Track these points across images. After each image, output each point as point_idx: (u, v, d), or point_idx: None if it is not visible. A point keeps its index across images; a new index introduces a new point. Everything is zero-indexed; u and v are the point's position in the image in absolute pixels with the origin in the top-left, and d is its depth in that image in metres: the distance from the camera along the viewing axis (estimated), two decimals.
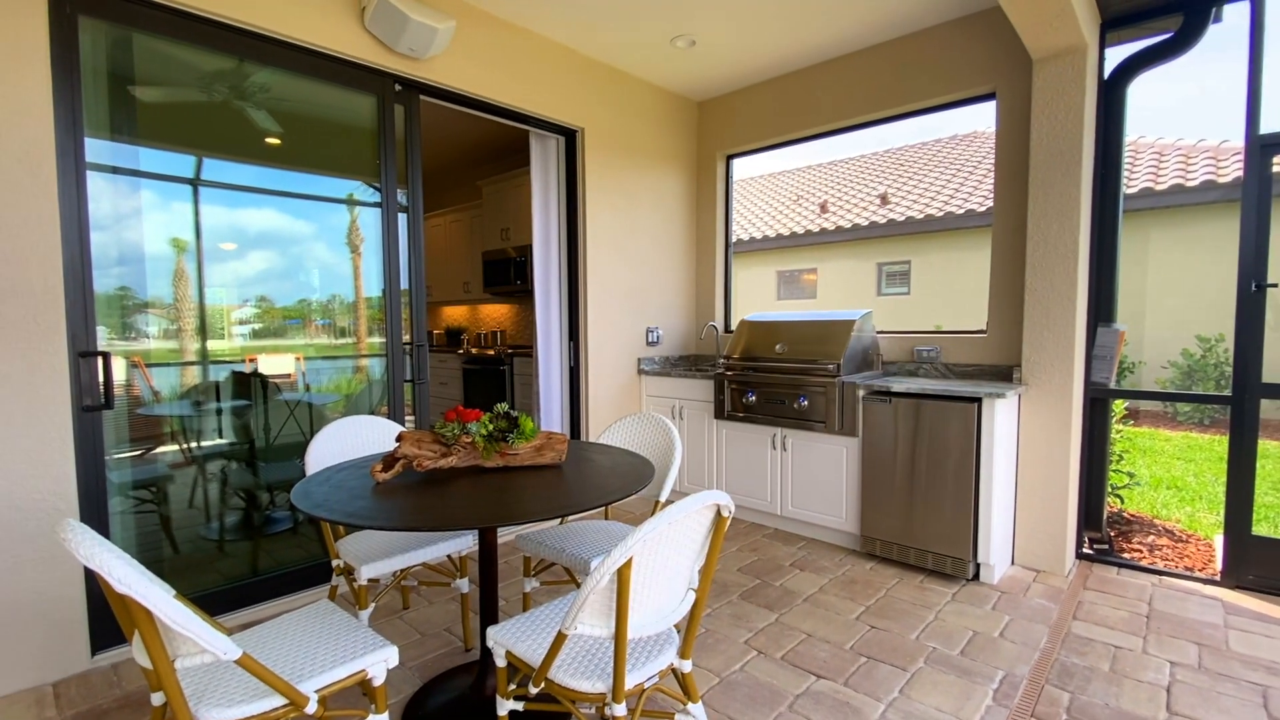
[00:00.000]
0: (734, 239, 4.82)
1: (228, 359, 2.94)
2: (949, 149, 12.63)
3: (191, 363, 2.83)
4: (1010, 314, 3.39)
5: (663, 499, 2.28)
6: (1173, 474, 5.37)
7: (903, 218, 11.00)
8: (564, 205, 4.06)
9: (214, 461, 2.89)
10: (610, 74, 4.11)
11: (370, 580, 2.18)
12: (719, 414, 3.98)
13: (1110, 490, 3.67)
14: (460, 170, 6.67)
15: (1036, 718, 2.04)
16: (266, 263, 3.00)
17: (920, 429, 3.15)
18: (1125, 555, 3.44)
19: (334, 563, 2.26)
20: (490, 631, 1.63)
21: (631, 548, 1.25)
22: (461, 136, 5.58)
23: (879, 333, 3.92)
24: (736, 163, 4.82)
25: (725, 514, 1.48)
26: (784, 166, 16.28)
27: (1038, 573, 3.18)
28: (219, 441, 2.94)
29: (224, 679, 1.43)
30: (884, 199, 11.95)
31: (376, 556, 2.17)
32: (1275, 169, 2.87)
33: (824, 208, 12.92)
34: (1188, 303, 7.18)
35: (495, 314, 6.78)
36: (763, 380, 3.75)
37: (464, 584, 2.49)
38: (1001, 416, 3.01)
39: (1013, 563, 3.28)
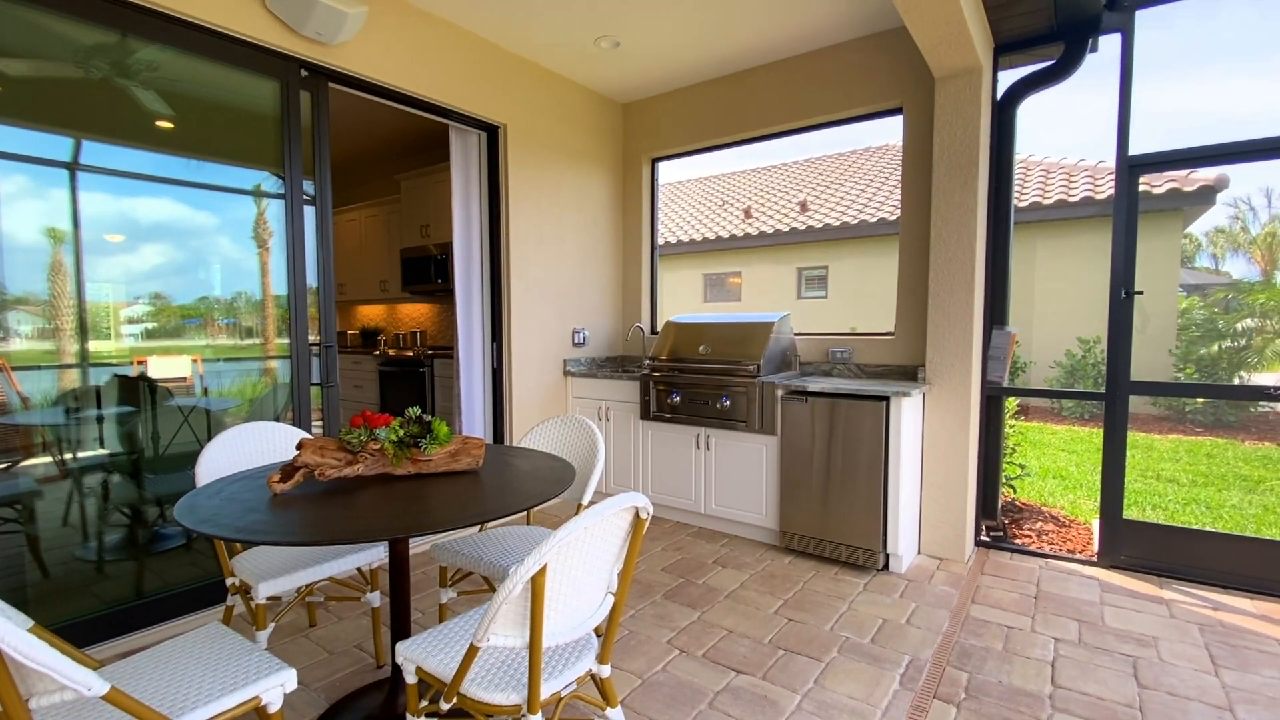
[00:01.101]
0: (662, 241, 4.87)
1: (114, 361, 2.68)
2: (864, 160, 13.29)
3: (69, 365, 2.56)
4: (915, 317, 3.59)
5: (585, 502, 2.25)
6: (1058, 465, 5.86)
7: (821, 225, 11.47)
8: (486, 202, 3.96)
9: (93, 474, 2.62)
10: (534, 71, 4.05)
11: (270, 598, 2.03)
12: (645, 415, 3.99)
13: (1004, 481, 3.95)
14: (377, 163, 6.39)
15: (938, 699, 2.16)
16: (162, 257, 2.75)
17: (834, 427, 3.28)
18: (1017, 541, 3.71)
19: (228, 581, 2.10)
20: (399, 647, 1.55)
21: (545, 555, 1.23)
22: (378, 128, 5.34)
23: (796, 334, 4.05)
24: (664, 165, 4.86)
25: (644, 516, 1.47)
26: (711, 172, 16.61)
27: (941, 560, 3.38)
28: (99, 452, 2.67)
29: (93, 718, 1.29)
30: (804, 206, 12.40)
31: (276, 572, 2.03)
32: (1142, 188, 3.18)
33: (748, 213, 13.28)
34: (1071, 308, 7.86)
35: (415, 314, 6.53)
36: (687, 381, 3.79)
37: (375, 598, 2.37)
38: (908, 414, 3.18)
39: (919, 552, 3.47)
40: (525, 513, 2.71)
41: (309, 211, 3.04)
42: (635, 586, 3.05)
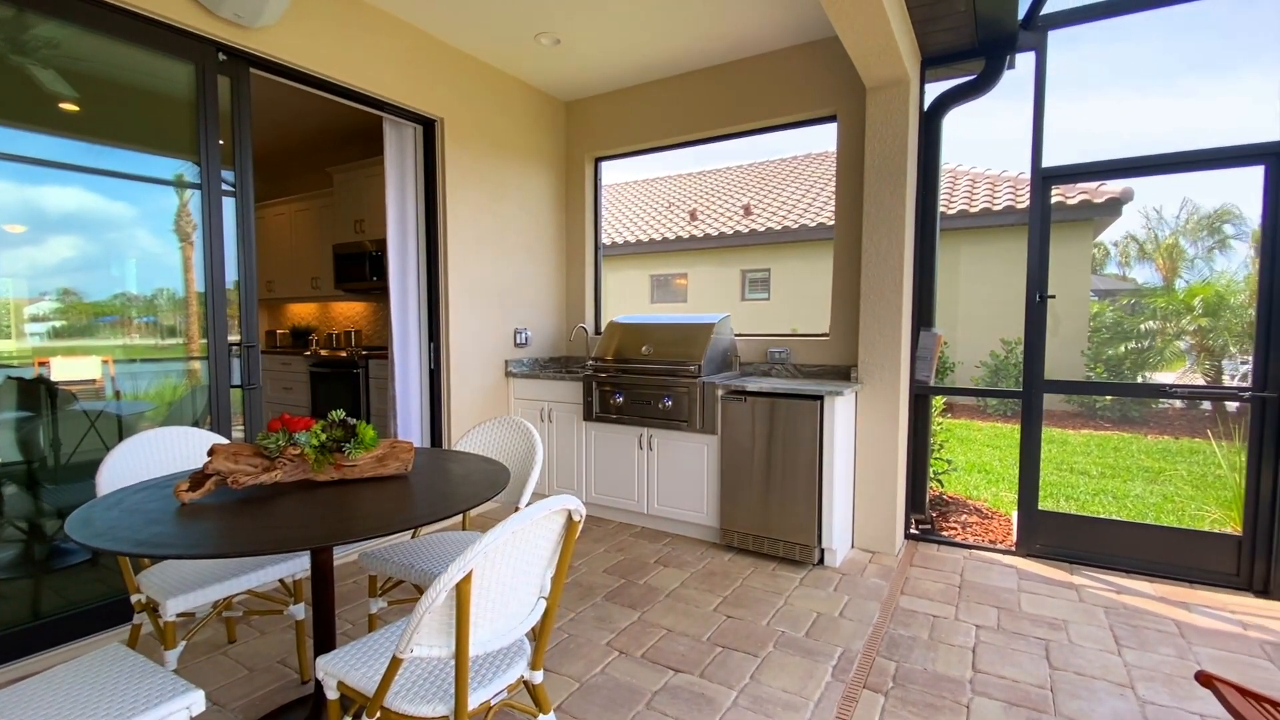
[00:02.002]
0: (610, 242, 4.86)
1: (12, 363, 2.47)
2: (805, 166, 13.65)
3: None
4: (849, 319, 3.70)
5: (523, 505, 2.21)
6: (983, 459, 6.18)
7: (763, 228, 11.71)
8: (423, 198, 3.84)
9: None
10: (473, 65, 3.96)
11: (181, 615, 1.91)
12: (588, 415, 3.97)
13: (932, 476, 4.13)
14: (309, 155, 6.11)
15: (868, 688, 2.23)
16: (72, 250, 2.55)
17: (771, 426, 3.35)
18: (944, 533, 3.88)
19: (133, 598, 1.96)
20: (319, 662, 1.48)
21: (470, 561, 1.19)
22: (310, 118, 5.11)
23: (737, 335, 4.11)
24: (610, 166, 4.85)
25: (576, 519, 1.46)
26: (657, 174, 16.71)
27: (873, 554, 3.50)
28: None
29: None
30: (747, 210, 12.64)
31: (187, 587, 1.90)
32: (1056, 199, 3.37)
33: (693, 215, 13.42)
34: (995, 311, 8.29)
35: (349, 312, 6.29)
36: (630, 381, 3.79)
37: (299, 610, 2.26)
38: (841, 413, 3.28)
39: (853, 546, 3.58)
40: (461, 518, 2.65)
41: (228, 203, 2.87)
42: (576, 589, 3.03)
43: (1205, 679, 1.65)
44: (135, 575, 1.99)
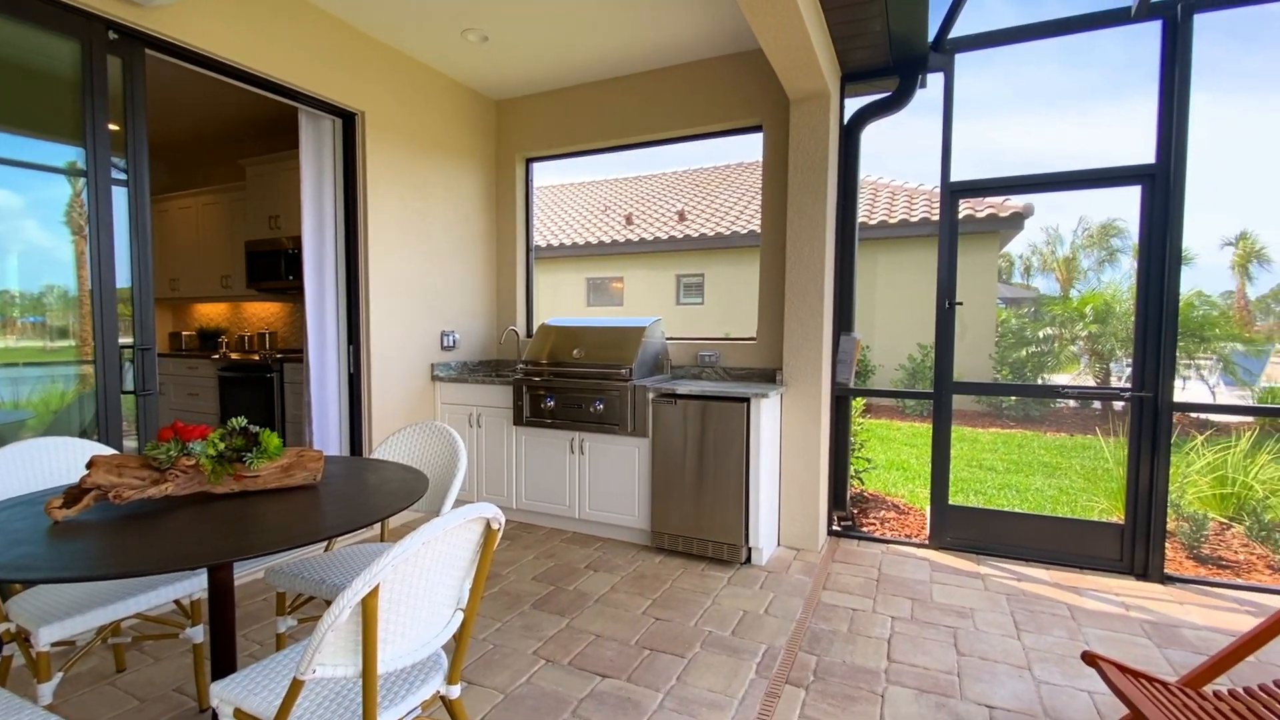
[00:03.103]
0: (545, 244, 4.81)
1: None
2: (737, 174, 13.97)
3: None
4: (774, 323, 3.80)
5: (444, 513, 2.14)
6: (901, 458, 6.48)
7: (697, 234, 11.90)
8: (342, 194, 3.68)
9: None
10: (397, 59, 3.83)
11: (59, 644, 1.74)
12: (518, 420, 3.90)
13: (853, 474, 4.30)
14: (218, 146, 5.74)
15: (790, 683, 2.29)
16: None
17: (701, 428, 3.39)
18: (864, 529, 4.05)
19: (0, 627, 1.77)
20: (214, 688, 1.38)
21: (377, 574, 1.14)
22: (218, 106, 4.80)
23: (668, 339, 4.15)
24: (543, 167, 4.80)
25: (495, 527, 1.42)
26: (594, 177, 16.68)
27: (798, 551, 3.61)
28: None
29: None
30: (682, 215, 12.81)
31: (64, 613, 1.73)
32: (967, 212, 3.58)
33: (629, 220, 13.47)
34: (912, 316, 8.74)
35: (263, 313, 5.94)
36: (561, 385, 3.75)
37: (197, 633, 2.10)
38: (767, 414, 3.36)
39: (779, 544, 3.67)
40: (380, 529, 2.54)
41: (119, 193, 2.65)
42: (503, 598, 2.96)
43: (1090, 659, 1.78)
44: (4, 602, 1.79)
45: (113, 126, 2.65)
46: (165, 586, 1.92)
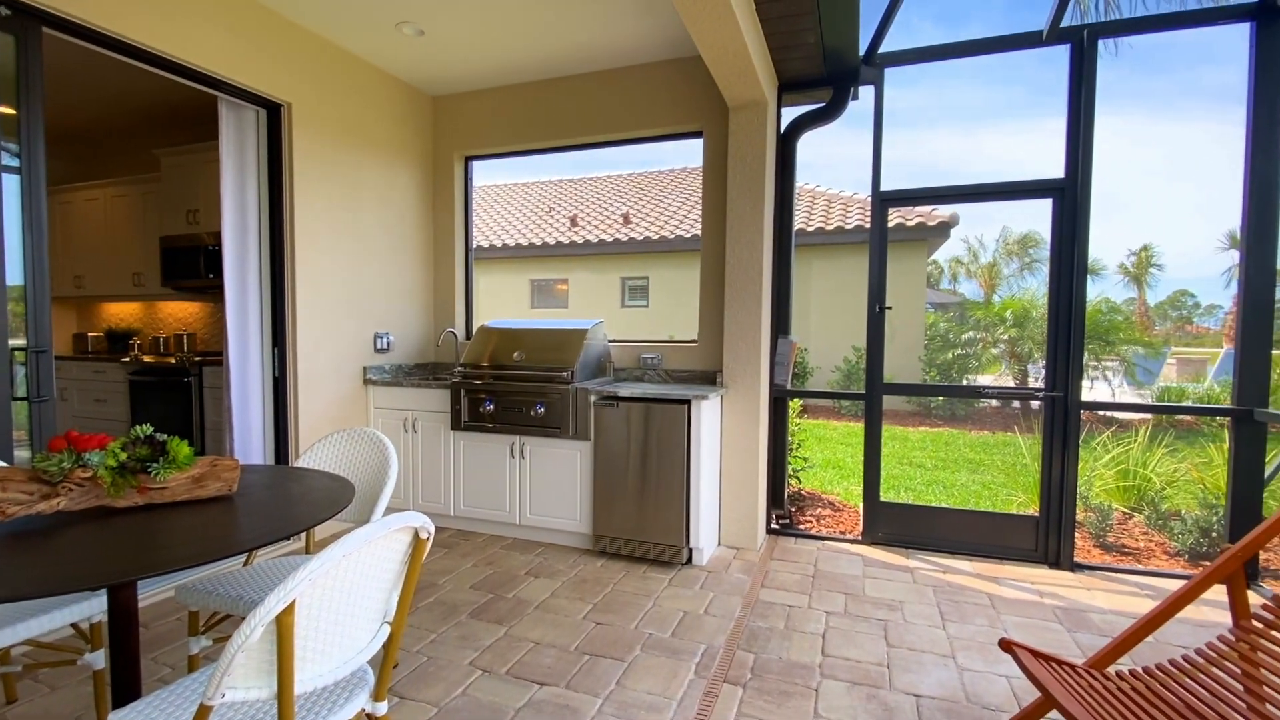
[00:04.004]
0: (488, 244, 4.71)
1: None
2: (681, 179, 14.13)
3: None
4: (715, 326, 3.86)
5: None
6: (837, 456, 6.69)
7: (642, 237, 11.96)
8: (266, 189, 3.50)
9: None
10: (327, 50, 3.68)
11: None
12: (456, 425, 3.80)
13: (791, 473, 4.41)
14: (130, 134, 5.36)
15: (728, 682, 2.32)
16: None
17: (642, 430, 3.40)
18: (801, 526, 4.15)
19: None
20: (114, 717, 1.28)
21: (293, 590, 1.08)
22: (131, 93, 4.48)
23: (611, 341, 4.14)
24: (486, 166, 4.71)
25: (424, 536, 1.38)
26: (539, 177, 16.52)
27: (738, 550, 3.66)
28: None
29: None
30: (626, 218, 12.84)
31: None
32: (897, 220, 3.73)
33: (574, 221, 13.40)
34: (848, 320, 9.04)
35: (181, 313, 5.58)
36: (502, 388, 3.69)
37: (98, 658, 1.94)
38: (707, 416, 3.40)
39: (719, 544, 3.72)
40: (305, 541, 2.42)
41: (10, 181, 2.43)
42: (439, 608, 2.88)
43: (1006, 645, 1.88)
44: None
45: (4, 110, 2.43)
46: (60, 610, 1.77)
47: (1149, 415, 5.70)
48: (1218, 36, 3.29)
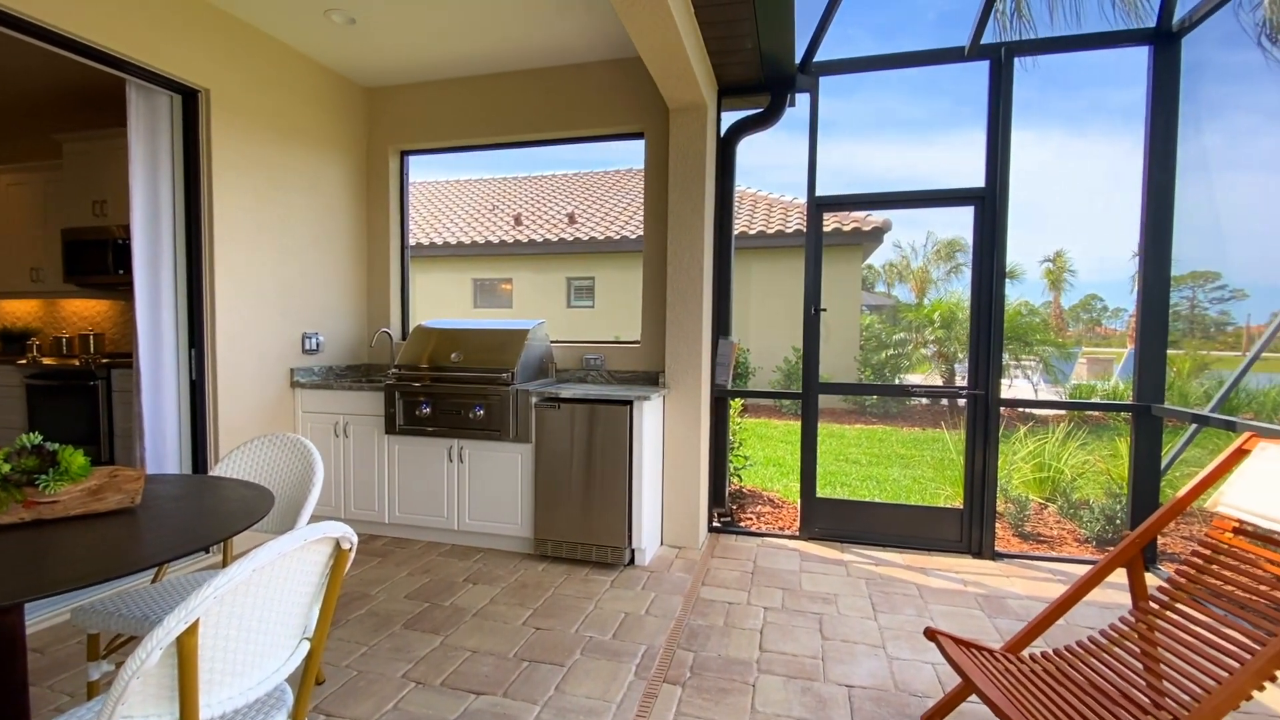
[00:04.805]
0: (429, 242, 4.57)
1: None
2: (626, 179, 14.15)
3: None
4: (657, 327, 3.87)
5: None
6: (778, 454, 6.85)
7: (588, 237, 11.91)
8: (182, 180, 3.29)
9: None
10: (250, 35, 3.49)
11: None
12: (391, 429, 3.67)
13: (732, 471, 4.48)
14: (25, 117, 4.93)
15: (668, 681, 2.32)
16: None
17: (585, 432, 3.38)
18: (742, 524, 4.22)
19: None
20: None
21: (195, 608, 1.01)
22: (25, 72, 4.13)
23: (553, 342, 4.10)
24: (425, 161, 4.57)
25: (346, 546, 1.32)
26: (481, 174, 16.21)
27: (680, 549, 3.69)
28: None
29: None
30: (572, 218, 12.76)
31: None
32: (834, 225, 3.85)
33: (518, 220, 13.22)
34: (788, 321, 9.28)
35: (86, 312, 5.18)
36: (439, 390, 3.59)
37: None
38: (649, 416, 3.41)
39: (662, 543, 3.74)
40: (223, 555, 2.29)
41: None
42: (371, 619, 2.77)
43: (930, 634, 1.96)
44: None
45: None
46: None
47: (1062, 411, 6.08)
48: (1122, 58, 3.55)
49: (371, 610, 2.86)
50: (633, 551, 3.43)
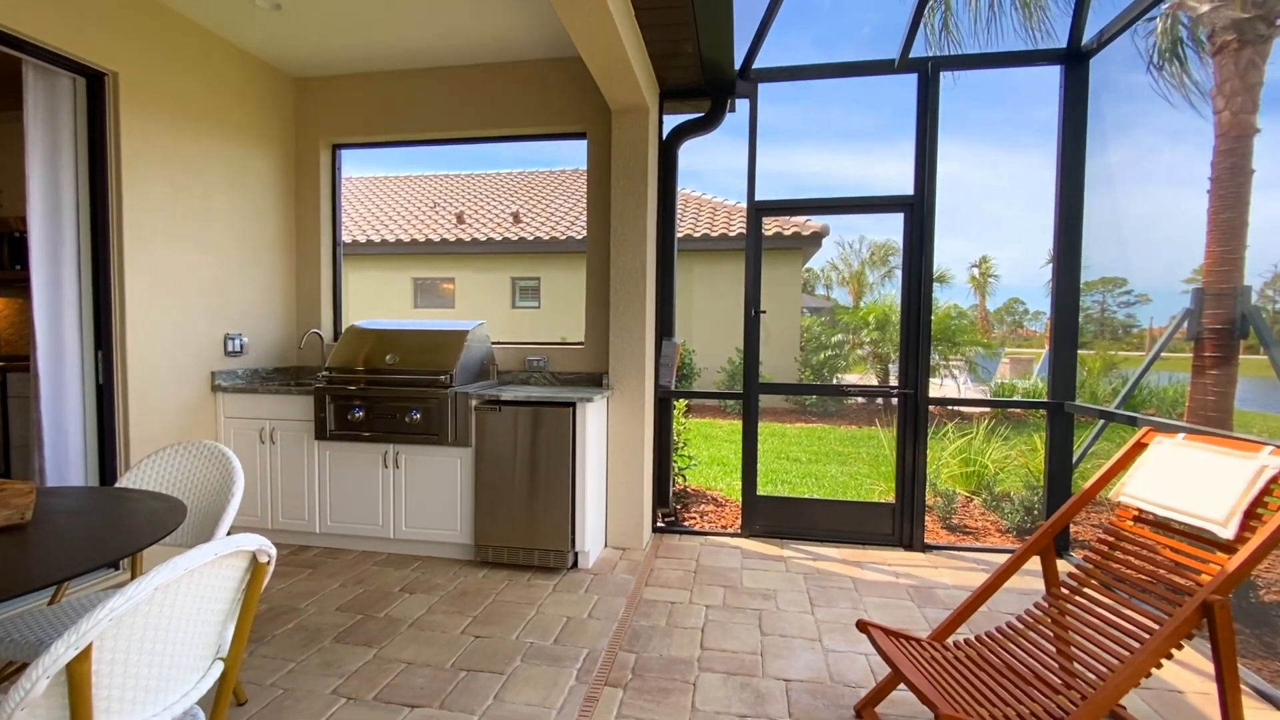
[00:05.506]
0: (366, 240, 4.41)
1: None
2: (572, 179, 14.06)
3: None
4: (601, 328, 3.86)
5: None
6: (722, 454, 6.95)
7: (533, 237, 11.77)
8: (87, 170, 3.05)
9: None
10: (163, 15, 3.27)
11: None
12: (321, 434, 3.52)
13: (676, 471, 4.51)
14: None
15: (610, 684, 2.31)
16: None
17: (527, 435, 3.33)
18: (686, 523, 4.26)
19: None
20: None
21: (88, 632, 0.94)
22: None
23: (495, 343, 4.02)
24: (362, 156, 4.41)
25: (263, 560, 1.25)
26: (422, 171, 15.77)
27: (624, 550, 3.68)
28: None
29: None
30: (517, 217, 12.58)
31: None
32: (774, 230, 3.92)
33: (461, 218, 12.93)
34: (732, 323, 9.44)
35: None
36: (374, 394, 3.46)
37: None
38: (593, 418, 3.39)
39: (606, 545, 3.73)
40: (130, 571, 2.14)
41: None
42: (299, 634, 2.65)
43: (861, 626, 2.03)
44: None
45: None
46: None
47: (986, 409, 6.42)
48: (1041, 76, 3.77)
49: (300, 624, 2.73)
50: (576, 555, 3.40)
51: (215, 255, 3.63)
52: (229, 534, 1.69)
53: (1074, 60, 3.56)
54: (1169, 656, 1.59)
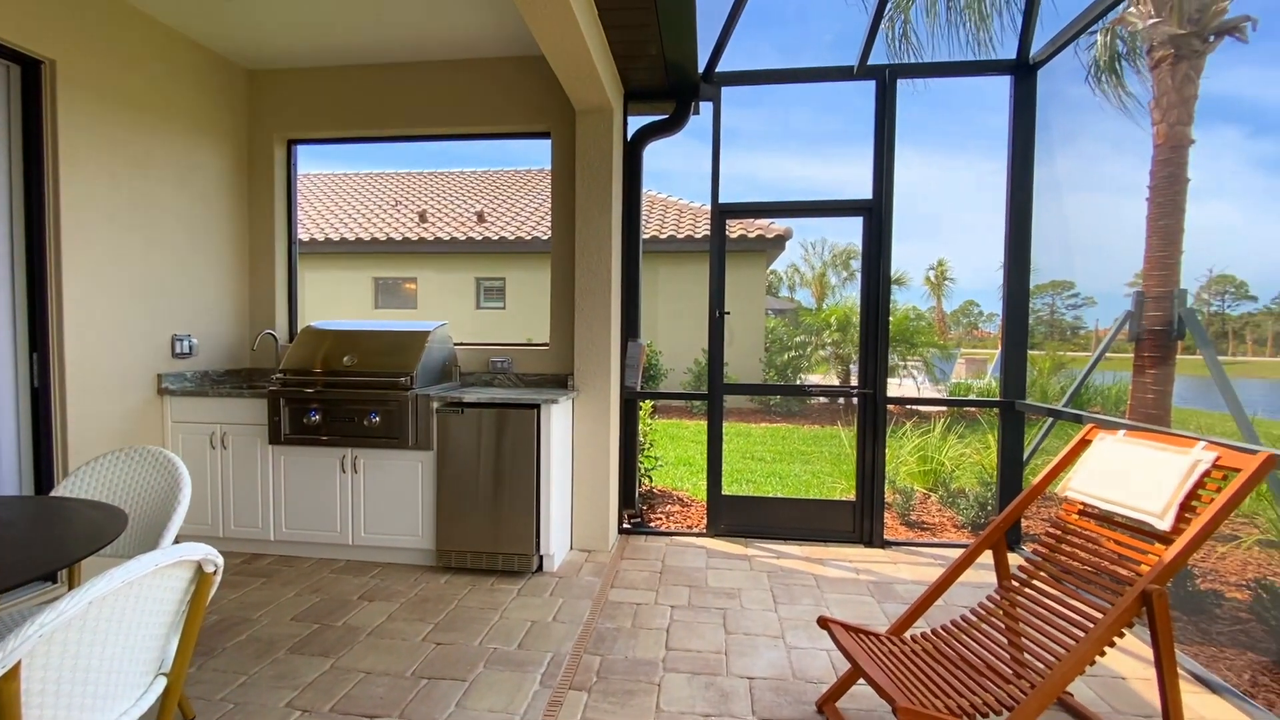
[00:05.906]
0: (324, 238, 4.29)
1: None
2: (538, 179, 13.97)
3: None
4: (566, 329, 3.84)
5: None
6: (689, 454, 6.98)
7: (497, 237, 11.64)
8: (21, 162, 2.90)
9: None
10: (106, 3, 3.13)
11: None
12: (275, 438, 3.41)
13: (642, 472, 4.51)
14: None
15: (574, 688, 2.30)
16: None
17: (490, 438, 3.29)
18: (653, 524, 4.26)
19: None
20: None
21: (16, 650, 0.88)
22: None
23: (458, 344, 3.96)
24: (318, 151, 4.31)
25: (209, 570, 1.20)
26: (383, 168, 15.46)
27: (590, 553, 3.67)
28: None
29: None
30: (481, 217, 12.43)
31: None
32: (739, 232, 3.96)
33: (423, 217, 12.71)
34: (697, 324, 9.51)
35: None
36: (330, 396, 3.37)
37: None
38: (558, 420, 3.37)
39: (571, 547, 3.70)
40: (66, 584, 2.03)
41: None
42: (252, 645, 2.56)
43: (822, 622, 2.06)
44: None
45: None
46: None
47: (943, 408, 6.61)
48: (992, 86, 3.90)
49: (253, 635, 2.64)
50: (541, 558, 3.37)
51: (162, 253, 3.49)
52: (175, 543, 1.62)
53: (1023, 71, 3.70)
54: (1112, 644, 1.66)
